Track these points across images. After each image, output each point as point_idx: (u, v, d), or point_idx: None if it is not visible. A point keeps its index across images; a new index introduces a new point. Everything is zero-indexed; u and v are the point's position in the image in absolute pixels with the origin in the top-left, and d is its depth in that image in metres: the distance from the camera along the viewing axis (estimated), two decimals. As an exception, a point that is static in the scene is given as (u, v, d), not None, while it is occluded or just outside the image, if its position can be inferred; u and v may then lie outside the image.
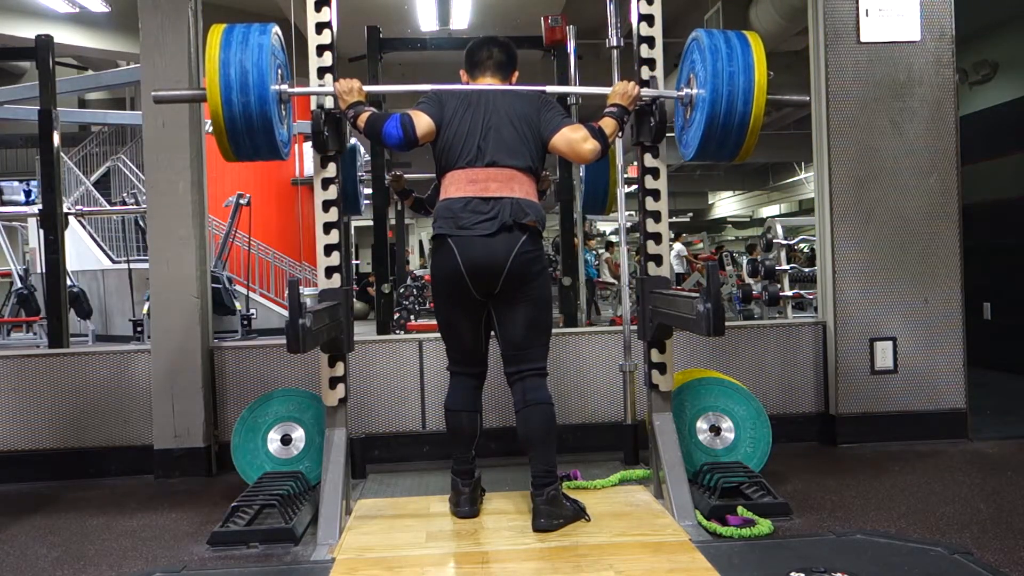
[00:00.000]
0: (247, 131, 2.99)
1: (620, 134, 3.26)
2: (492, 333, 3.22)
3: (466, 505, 3.16)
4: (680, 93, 3.28)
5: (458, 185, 3.06)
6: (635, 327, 3.62)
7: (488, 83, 3.22)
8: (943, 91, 4.45)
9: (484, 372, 3.25)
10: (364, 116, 3.08)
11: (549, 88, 3.31)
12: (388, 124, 3.04)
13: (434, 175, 3.27)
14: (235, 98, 2.92)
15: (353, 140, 4.09)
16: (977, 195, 6.14)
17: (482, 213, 2.99)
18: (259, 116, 2.96)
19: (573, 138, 3.06)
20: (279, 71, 3.12)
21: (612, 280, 12.13)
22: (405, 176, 4.69)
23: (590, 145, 3.04)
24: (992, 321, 6.65)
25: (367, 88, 3.19)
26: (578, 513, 3.08)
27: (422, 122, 3.07)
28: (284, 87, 3.13)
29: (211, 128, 3.02)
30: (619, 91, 3.20)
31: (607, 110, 3.18)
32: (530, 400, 3.07)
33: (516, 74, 3.29)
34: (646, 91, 3.28)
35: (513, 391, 3.13)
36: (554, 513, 3.00)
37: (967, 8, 4.61)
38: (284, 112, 3.22)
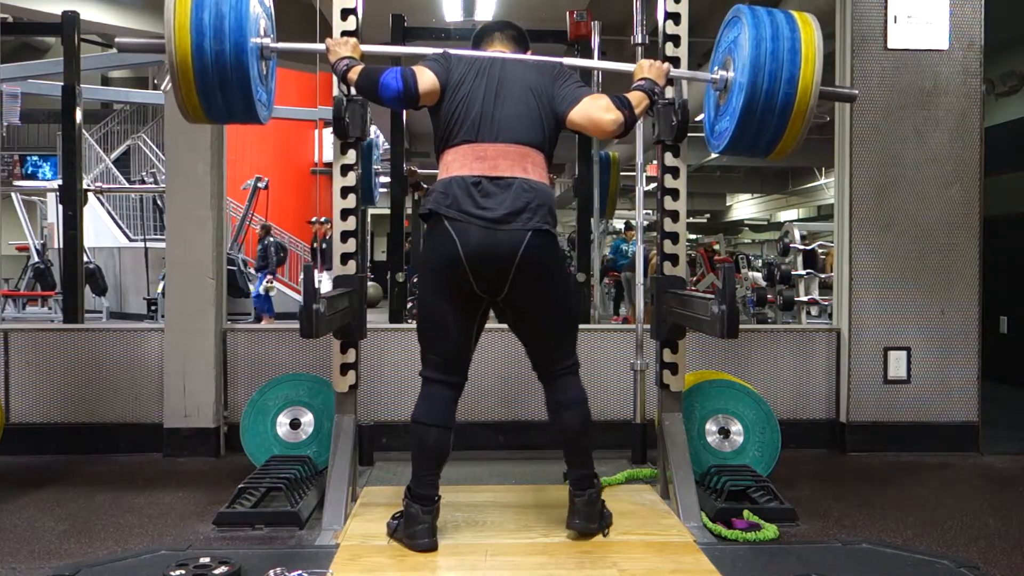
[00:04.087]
0: (220, 85, 2.70)
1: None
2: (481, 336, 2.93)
3: (425, 536, 2.74)
4: (714, 76, 3.05)
5: (463, 161, 2.71)
6: (648, 326, 3.61)
7: (500, 50, 2.94)
8: (969, 101, 4.40)
9: (463, 384, 2.87)
10: (357, 68, 2.81)
11: (567, 60, 2.97)
12: (386, 75, 2.74)
13: None
14: (208, 46, 2.64)
15: (371, 135, 4.07)
16: (999, 208, 6.08)
17: (490, 197, 2.66)
18: (235, 68, 2.68)
19: (593, 108, 2.73)
20: (262, 24, 2.88)
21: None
22: (420, 171, 4.70)
23: (611, 116, 2.70)
24: (1008, 335, 6.59)
25: (364, 48, 2.96)
26: (604, 524, 2.91)
27: (425, 78, 2.75)
28: (266, 41, 2.89)
29: (169, 86, 2.70)
30: (646, 65, 2.92)
31: (635, 84, 2.87)
32: (563, 401, 2.84)
33: (530, 52, 3.01)
34: (676, 71, 3.08)
35: (546, 391, 2.89)
36: (591, 516, 2.85)
37: (997, 19, 4.56)
38: (266, 70, 2.97)
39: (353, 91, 2.94)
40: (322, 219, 12.52)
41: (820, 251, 7.44)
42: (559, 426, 2.86)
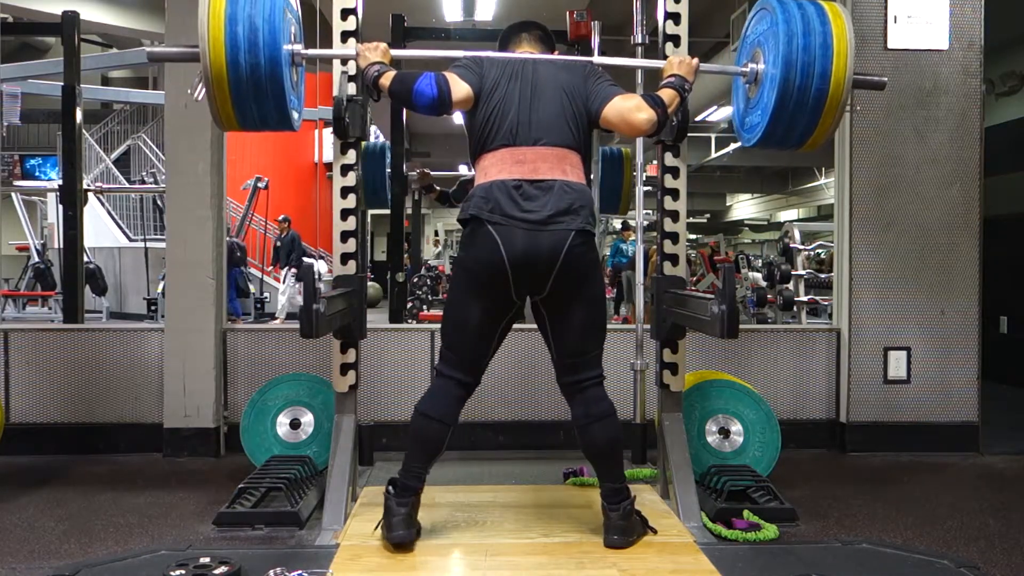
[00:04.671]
0: (255, 97, 2.72)
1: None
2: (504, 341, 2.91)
3: (401, 528, 2.72)
4: (744, 69, 3.02)
5: (502, 166, 2.71)
6: (648, 326, 3.60)
7: (528, 51, 2.94)
8: (969, 101, 4.40)
9: (474, 386, 2.86)
10: (389, 74, 2.78)
11: (597, 59, 3.02)
12: (420, 81, 2.70)
13: (452, 172, 3.06)
14: (243, 59, 2.63)
15: (382, 139, 4.07)
16: (999, 208, 6.08)
17: (532, 200, 2.66)
18: (269, 80, 2.68)
19: (624, 107, 2.73)
20: (292, 30, 2.88)
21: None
22: (432, 173, 4.69)
23: (644, 115, 2.69)
24: (1008, 335, 6.60)
25: (395, 52, 2.93)
26: (644, 528, 2.89)
27: (459, 87, 2.74)
28: (298, 47, 2.88)
29: (201, 94, 2.72)
30: (676, 62, 2.91)
31: (665, 81, 2.87)
32: (594, 414, 2.79)
33: (557, 52, 3.01)
34: (706, 65, 3.05)
35: (572, 403, 2.84)
36: (628, 530, 2.80)
37: (997, 19, 4.56)
38: (296, 76, 2.98)
39: (376, 95, 2.92)
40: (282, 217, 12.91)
41: (810, 251, 7.47)
42: (589, 440, 2.81)
